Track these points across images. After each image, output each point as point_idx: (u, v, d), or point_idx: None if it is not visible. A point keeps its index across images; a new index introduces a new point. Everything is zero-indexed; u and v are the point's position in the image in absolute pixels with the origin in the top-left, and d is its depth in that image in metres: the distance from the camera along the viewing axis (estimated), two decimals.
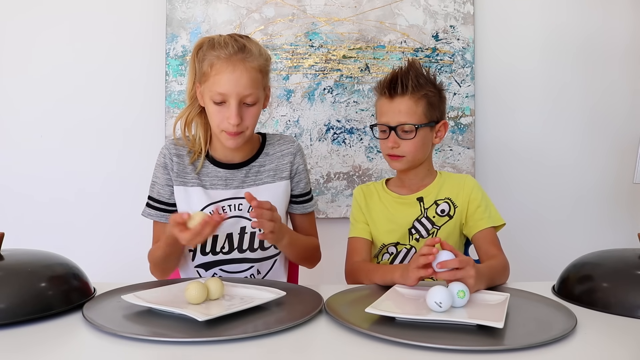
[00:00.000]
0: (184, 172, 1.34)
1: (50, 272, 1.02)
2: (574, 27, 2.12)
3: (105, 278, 1.23)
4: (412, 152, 1.33)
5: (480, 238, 1.33)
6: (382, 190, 1.44)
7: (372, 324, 0.89)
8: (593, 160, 2.15)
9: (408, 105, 1.32)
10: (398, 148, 1.33)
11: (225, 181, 1.35)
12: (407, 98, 1.32)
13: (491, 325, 0.84)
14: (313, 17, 2.03)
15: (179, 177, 1.34)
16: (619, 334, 0.89)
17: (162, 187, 1.35)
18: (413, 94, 1.32)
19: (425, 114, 1.33)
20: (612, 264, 1.09)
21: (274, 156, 1.39)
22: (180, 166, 1.34)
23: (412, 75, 1.32)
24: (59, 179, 2.03)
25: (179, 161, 1.34)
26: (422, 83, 1.33)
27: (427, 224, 1.37)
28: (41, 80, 2.03)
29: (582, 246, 1.36)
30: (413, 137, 1.32)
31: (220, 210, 1.31)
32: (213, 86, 1.23)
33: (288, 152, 1.40)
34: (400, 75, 1.33)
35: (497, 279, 1.18)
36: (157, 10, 2.02)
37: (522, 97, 2.12)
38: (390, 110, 1.34)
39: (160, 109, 2.03)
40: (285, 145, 1.41)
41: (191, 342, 0.82)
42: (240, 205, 1.34)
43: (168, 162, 1.34)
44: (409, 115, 1.32)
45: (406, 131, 1.32)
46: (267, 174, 1.37)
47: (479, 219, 1.34)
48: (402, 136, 1.32)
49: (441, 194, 1.38)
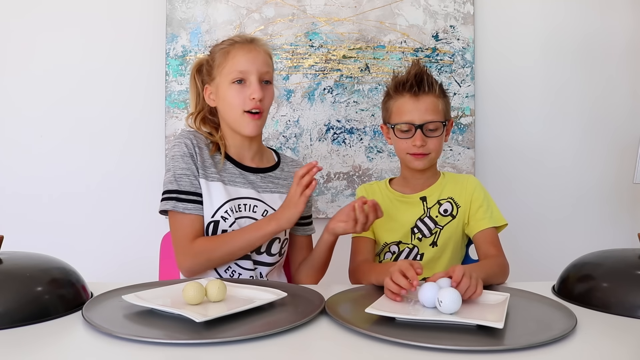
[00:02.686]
0: (204, 165, 1.33)
1: (49, 277, 1.01)
2: (574, 27, 2.12)
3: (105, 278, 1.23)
4: (437, 149, 1.37)
5: (481, 238, 1.33)
6: (385, 189, 1.44)
7: (372, 324, 0.88)
8: (593, 160, 2.15)
9: (434, 103, 1.35)
10: (425, 146, 1.34)
11: (243, 179, 1.36)
12: (433, 96, 1.35)
13: (491, 326, 0.84)
14: (313, 17, 2.03)
15: (202, 169, 1.32)
16: (619, 334, 0.89)
17: (195, 178, 1.30)
18: (436, 91, 1.36)
19: (445, 112, 1.38)
20: (612, 264, 1.09)
21: (288, 174, 1.43)
22: (202, 158, 1.33)
23: (428, 74, 1.36)
24: (59, 179, 2.03)
25: (200, 153, 1.33)
26: (436, 82, 1.38)
27: (430, 223, 1.37)
28: (41, 80, 2.03)
29: (582, 246, 1.36)
30: (440, 134, 1.35)
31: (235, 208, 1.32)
32: (232, 67, 1.30)
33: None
34: (424, 74, 1.35)
35: (492, 277, 1.17)
36: (157, 10, 2.02)
37: (522, 97, 2.12)
38: (416, 108, 1.34)
39: (160, 109, 2.03)
40: (297, 169, 1.41)
41: (191, 343, 0.82)
42: (255, 207, 1.34)
43: (193, 152, 1.32)
44: (435, 112, 1.34)
45: (431, 129, 1.34)
46: (281, 184, 1.41)
47: (480, 218, 1.35)
48: (430, 134, 1.34)
49: (444, 193, 1.39)
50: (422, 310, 0.95)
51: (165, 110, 2.01)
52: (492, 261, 1.25)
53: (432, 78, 1.36)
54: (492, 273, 1.18)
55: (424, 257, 1.38)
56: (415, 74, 1.35)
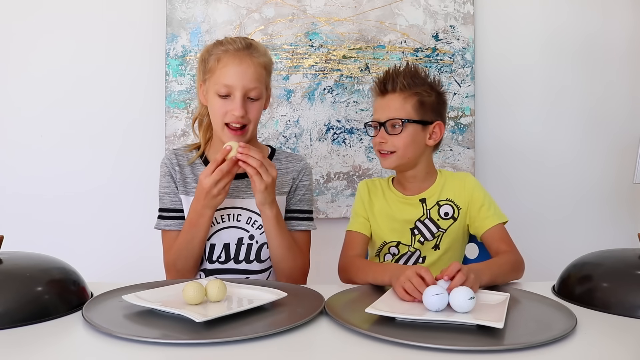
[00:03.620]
0: (185, 181, 1.36)
1: (49, 277, 1.01)
2: (574, 27, 2.12)
3: (105, 278, 1.23)
4: (401, 147, 1.33)
5: (489, 237, 1.32)
6: (387, 187, 1.44)
7: (372, 325, 0.88)
8: (593, 160, 2.15)
9: (397, 101, 1.33)
10: (386, 143, 1.34)
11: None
12: (397, 95, 1.33)
13: (491, 326, 0.84)
14: (313, 17, 2.03)
15: (182, 186, 1.36)
16: (619, 334, 0.89)
17: (175, 195, 1.36)
18: (403, 91, 1.33)
19: (416, 112, 1.34)
20: (612, 264, 1.09)
21: (279, 172, 1.36)
22: (182, 175, 1.37)
23: (404, 74, 1.34)
24: (59, 179, 2.03)
25: (180, 170, 1.37)
26: (417, 83, 1.34)
27: (432, 226, 1.37)
28: (42, 81, 2.03)
29: (582, 246, 1.36)
30: (400, 132, 1.32)
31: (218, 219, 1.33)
32: (219, 78, 1.26)
33: (293, 169, 1.42)
34: (391, 73, 1.35)
35: (503, 275, 1.17)
36: (157, 10, 2.02)
37: (523, 97, 2.12)
38: (380, 106, 1.36)
39: (160, 109, 2.03)
40: (292, 163, 1.42)
41: (191, 343, 0.82)
42: (239, 215, 1.35)
43: (171, 171, 1.37)
44: (397, 110, 1.33)
45: (394, 126, 1.33)
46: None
47: (484, 218, 1.34)
48: (391, 132, 1.33)
49: (443, 194, 1.38)
50: (422, 311, 0.95)
51: (165, 110, 2.01)
52: (501, 258, 1.23)
53: (407, 78, 1.33)
54: (501, 271, 1.17)
55: (426, 260, 1.37)
56: (385, 74, 1.36)
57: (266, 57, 1.32)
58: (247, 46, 1.29)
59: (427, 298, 0.94)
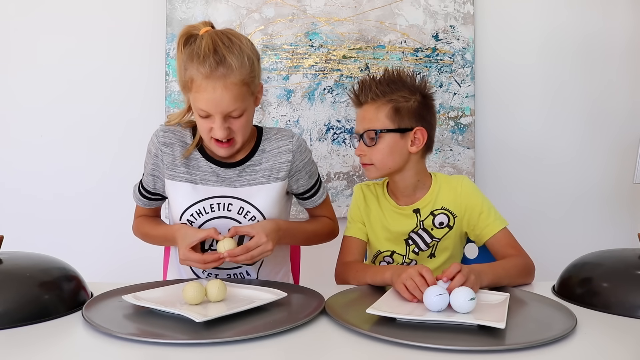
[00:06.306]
0: (173, 164, 1.29)
1: (49, 277, 1.01)
2: (574, 27, 2.12)
3: (104, 277, 1.23)
4: (378, 159, 1.28)
5: (495, 244, 1.29)
6: (382, 195, 1.39)
7: (372, 325, 0.88)
8: (593, 160, 2.15)
9: (370, 111, 1.29)
10: (365, 156, 1.30)
11: (217, 177, 1.29)
12: (369, 105, 1.30)
13: (493, 326, 0.84)
14: (313, 17, 2.03)
15: (169, 169, 1.29)
16: (619, 334, 0.89)
17: (147, 176, 1.34)
18: (375, 100, 1.28)
19: (391, 120, 1.28)
20: (612, 264, 1.09)
21: (271, 154, 1.31)
22: (169, 157, 1.29)
23: (377, 82, 1.29)
24: (59, 178, 2.03)
25: (168, 151, 1.29)
26: (393, 89, 1.28)
27: (426, 236, 1.33)
28: (42, 80, 2.03)
29: (582, 246, 1.36)
30: (375, 143, 1.28)
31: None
32: (196, 102, 1.18)
33: (286, 149, 1.31)
34: (364, 83, 1.31)
35: (509, 278, 1.15)
36: (157, 10, 2.02)
37: (522, 97, 2.12)
38: (358, 118, 1.34)
39: (160, 109, 2.03)
40: (283, 141, 1.32)
41: (191, 343, 0.82)
42: (230, 205, 1.28)
43: (158, 152, 1.29)
44: (371, 121, 1.29)
45: (371, 138, 1.29)
46: (262, 174, 1.30)
47: (485, 225, 1.30)
48: (369, 143, 1.29)
49: (438, 203, 1.33)
50: (423, 311, 0.95)
51: (165, 110, 2.01)
52: (508, 262, 1.21)
53: (379, 86, 1.28)
54: (507, 274, 1.15)
55: None
56: (359, 84, 1.31)
57: (244, 69, 1.16)
58: (220, 62, 1.13)
59: (428, 298, 0.94)
